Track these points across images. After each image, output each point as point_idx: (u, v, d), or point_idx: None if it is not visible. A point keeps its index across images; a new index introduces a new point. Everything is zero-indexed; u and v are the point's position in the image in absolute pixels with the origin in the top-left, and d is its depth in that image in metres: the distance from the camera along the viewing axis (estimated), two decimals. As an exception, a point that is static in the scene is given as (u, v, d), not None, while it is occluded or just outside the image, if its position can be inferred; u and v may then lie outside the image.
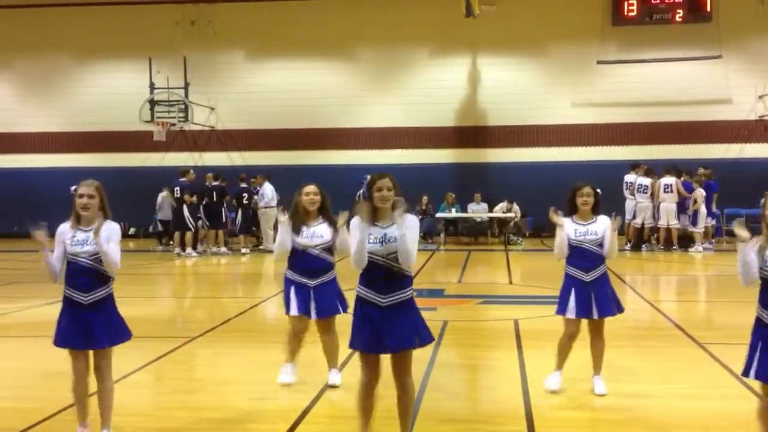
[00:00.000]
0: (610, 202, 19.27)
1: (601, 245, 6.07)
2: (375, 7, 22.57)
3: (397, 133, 22.54)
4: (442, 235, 20.56)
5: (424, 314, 9.73)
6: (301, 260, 6.24)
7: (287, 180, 19.06)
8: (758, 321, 4.45)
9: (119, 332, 5.02)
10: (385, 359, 4.75)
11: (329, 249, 6.23)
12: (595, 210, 6.14)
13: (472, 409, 6.09)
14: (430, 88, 22.43)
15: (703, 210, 17.76)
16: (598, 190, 6.19)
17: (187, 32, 22.79)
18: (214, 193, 18.53)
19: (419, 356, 7.32)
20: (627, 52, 21.84)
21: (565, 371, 6.50)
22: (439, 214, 20.71)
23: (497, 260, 17.04)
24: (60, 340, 4.97)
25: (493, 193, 21.25)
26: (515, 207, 20.61)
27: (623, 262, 16.25)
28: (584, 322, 6.18)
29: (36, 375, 6.81)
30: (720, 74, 21.63)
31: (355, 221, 4.63)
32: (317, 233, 6.19)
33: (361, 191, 4.68)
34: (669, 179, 18.02)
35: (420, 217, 20.89)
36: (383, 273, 4.59)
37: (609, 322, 6.16)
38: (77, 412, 5.04)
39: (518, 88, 22.24)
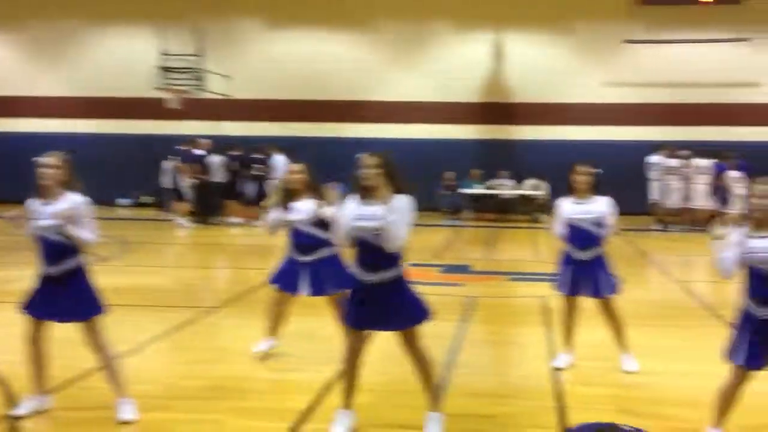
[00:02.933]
0: (635, 181, 19.16)
1: (598, 225, 6.09)
2: (399, -22, 22.30)
3: (421, 108, 22.29)
4: (467, 211, 20.45)
5: (451, 290, 9.75)
6: (293, 236, 6.25)
7: (308, 152, 19.09)
8: (746, 313, 4.51)
9: (88, 306, 4.92)
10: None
11: (320, 225, 6.16)
12: (594, 190, 6.12)
13: (501, 384, 6.04)
14: (455, 63, 22.14)
15: (739, 192, 17.39)
16: (598, 170, 6.19)
17: (202, -2, 22.50)
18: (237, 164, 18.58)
19: (446, 332, 7.35)
20: (654, 32, 21.43)
21: (593, 349, 6.49)
22: (464, 190, 20.59)
23: (524, 237, 16.93)
24: (26, 307, 4.94)
25: (519, 170, 21.06)
26: (545, 185, 20.44)
27: (652, 242, 16.09)
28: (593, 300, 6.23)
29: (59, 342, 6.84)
30: (747, 57, 21.17)
31: (348, 198, 4.72)
32: (302, 209, 6.15)
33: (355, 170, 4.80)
34: (702, 161, 17.81)
35: (445, 192, 20.78)
36: (370, 250, 4.61)
37: (636, 302, 6.13)
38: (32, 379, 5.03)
39: (545, 65, 21.93)
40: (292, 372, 6.13)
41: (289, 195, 6.23)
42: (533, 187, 20.50)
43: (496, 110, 22.16)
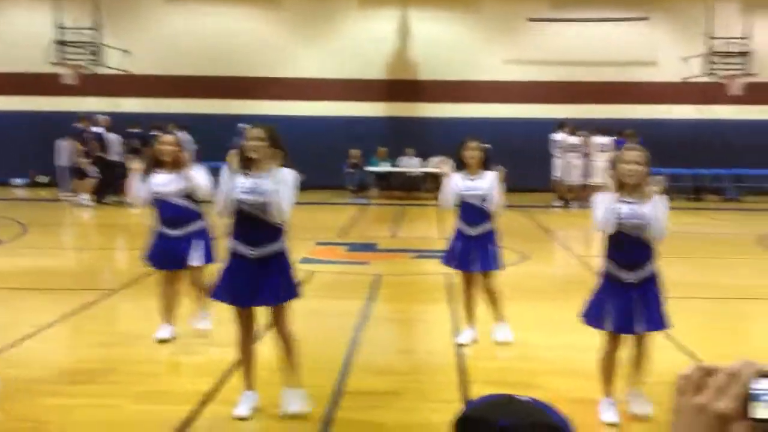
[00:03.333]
0: (539, 158, 19.52)
1: (486, 200, 6.12)
2: (303, -48, 22.03)
3: (326, 85, 22.16)
4: (373, 189, 20.48)
5: (356, 268, 9.75)
6: (162, 210, 6.10)
7: (210, 130, 18.76)
8: (604, 273, 4.66)
9: None
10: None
11: (191, 197, 6.08)
12: (484, 166, 6.17)
13: (406, 361, 6.05)
14: (360, 40, 22.05)
15: None
16: (488, 146, 6.25)
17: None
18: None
19: (352, 311, 7.35)
20: (557, 11, 21.90)
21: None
22: (370, 168, 20.59)
23: (430, 215, 17.07)
24: None
25: (425, 148, 21.20)
26: (449, 162, 20.66)
27: (554, 218, 16.47)
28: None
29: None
30: (647, 36, 21.87)
31: (225, 170, 4.61)
32: (172, 180, 6.04)
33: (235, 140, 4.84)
34: (603, 138, 18.26)
35: (351, 170, 20.76)
36: (253, 224, 4.55)
37: (539, 277, 6.26)
38: None
39: (451, 42, 22.09)
40: (193, 354, 6.02)
41: (155, 165, 6.08)
42: (438, 165, 20.69)
43: (402, 87, 22.23)
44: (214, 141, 6.28)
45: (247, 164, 4.57)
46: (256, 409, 4.72)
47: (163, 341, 6.22)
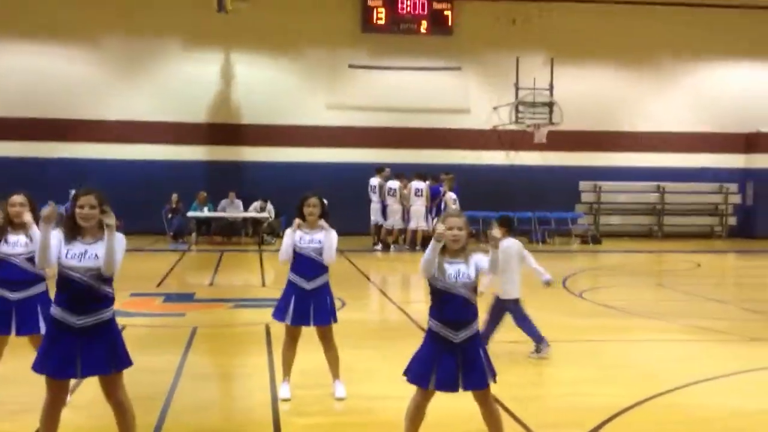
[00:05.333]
0: (358, 203, 19.86)
1: (322, 254, 6.18)
2: (122, -8, 21.57)
3: (146, 128, 21.61)
4: (193, 234, 20.08)
5: (172, 320, 9.51)
6: (2, 271, 5.78)
7: (25, 173, 17.81)
8: (429, 331, 4.76)
9: None
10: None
11: (33, 259, 5.75)
12: (322, 219, 6.25)
13: (221, 420, 5.96)
14: (182, 82, 21.77)
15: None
16: (325, 201, 6.34)
17: None
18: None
19: (166, 367, 7.15)
20: (376, 59, 22.60)
21: (311, 377, 6.59)
22: (190, 213, 20.20)
23: (251, 261, 16.96)
24: None
25: (248, 192, 21.09)
26: (269, 206, 20.63)
27: (373, 262, 16.80)
28: (313, 329, 6.26)
29: None
30: (460, 85, 23.00)
31: (56, 232, 4.47)
32: (20, 242, 5.77)
33: (65, 205, 4.76)
34: (419, 183, 18.87)
35: (170, 215, 20.28)
36: (80, 292, 4.41)
37: (356, 323, 6.37)
38: None
39: (273, 87, 22.24)
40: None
41: (6, 225, 5.76)
42: (260, 209, 20.62)
43: (224, 131, 22.12)
44: (26, 186, 6.00)
45: (77, 230, 4.45)
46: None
47: None
